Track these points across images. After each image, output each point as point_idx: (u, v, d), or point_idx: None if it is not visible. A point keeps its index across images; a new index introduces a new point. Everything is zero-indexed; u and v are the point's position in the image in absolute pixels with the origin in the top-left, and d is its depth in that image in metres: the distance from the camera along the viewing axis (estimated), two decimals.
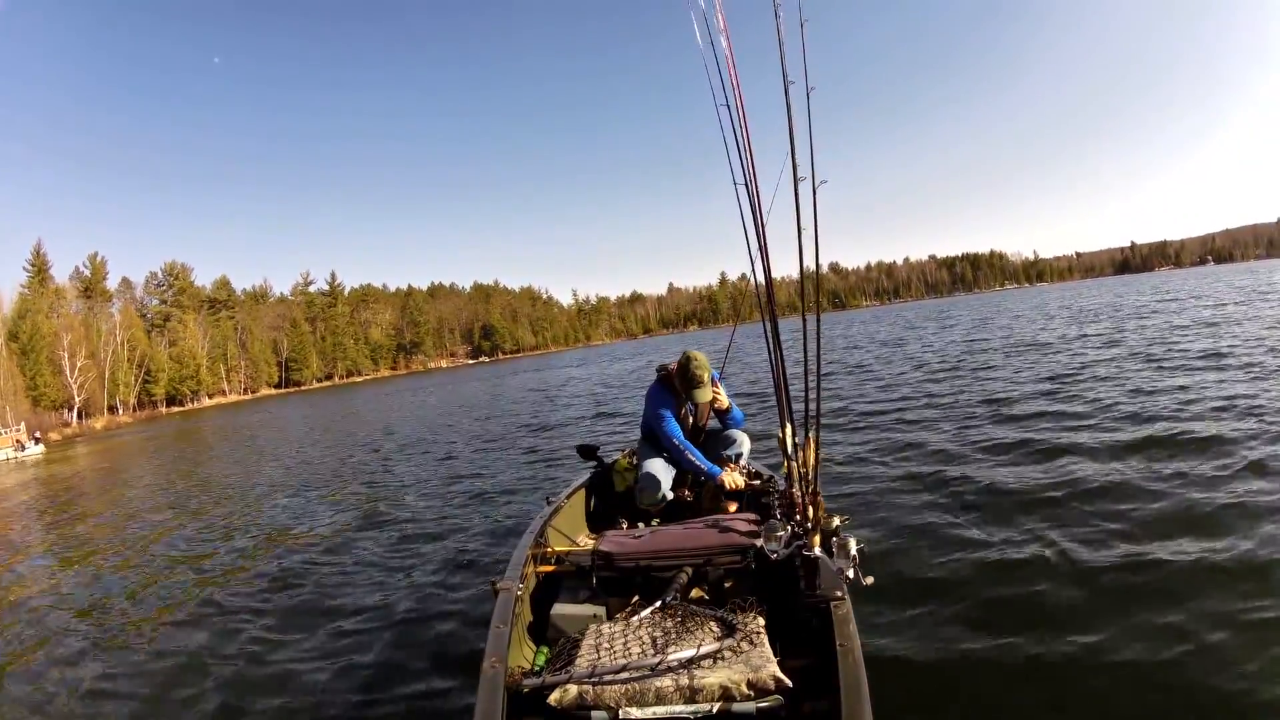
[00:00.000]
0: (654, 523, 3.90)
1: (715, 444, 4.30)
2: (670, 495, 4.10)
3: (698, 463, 3.99)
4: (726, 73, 3.21)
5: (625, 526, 3.82)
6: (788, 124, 2.89)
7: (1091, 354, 13.15)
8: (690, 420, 4.33)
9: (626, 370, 31.57)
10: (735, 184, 3.19)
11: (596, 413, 15.49)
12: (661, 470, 4.14)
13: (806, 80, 2.90)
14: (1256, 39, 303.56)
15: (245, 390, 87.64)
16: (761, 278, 3.15)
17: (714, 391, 4.17)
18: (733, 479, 3.90)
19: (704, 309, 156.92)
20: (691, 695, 2.00)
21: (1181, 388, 8.50)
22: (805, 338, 2.89)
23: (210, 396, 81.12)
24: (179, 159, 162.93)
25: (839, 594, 2.35)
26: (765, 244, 3.12)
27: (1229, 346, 11.66)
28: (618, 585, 2.86)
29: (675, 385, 4.20)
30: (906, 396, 10.98)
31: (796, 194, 2.85)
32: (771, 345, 3.05)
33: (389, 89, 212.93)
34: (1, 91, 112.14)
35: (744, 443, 4.27)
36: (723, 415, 4.33)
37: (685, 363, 4.10)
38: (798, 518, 2.64)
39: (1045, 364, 12.58)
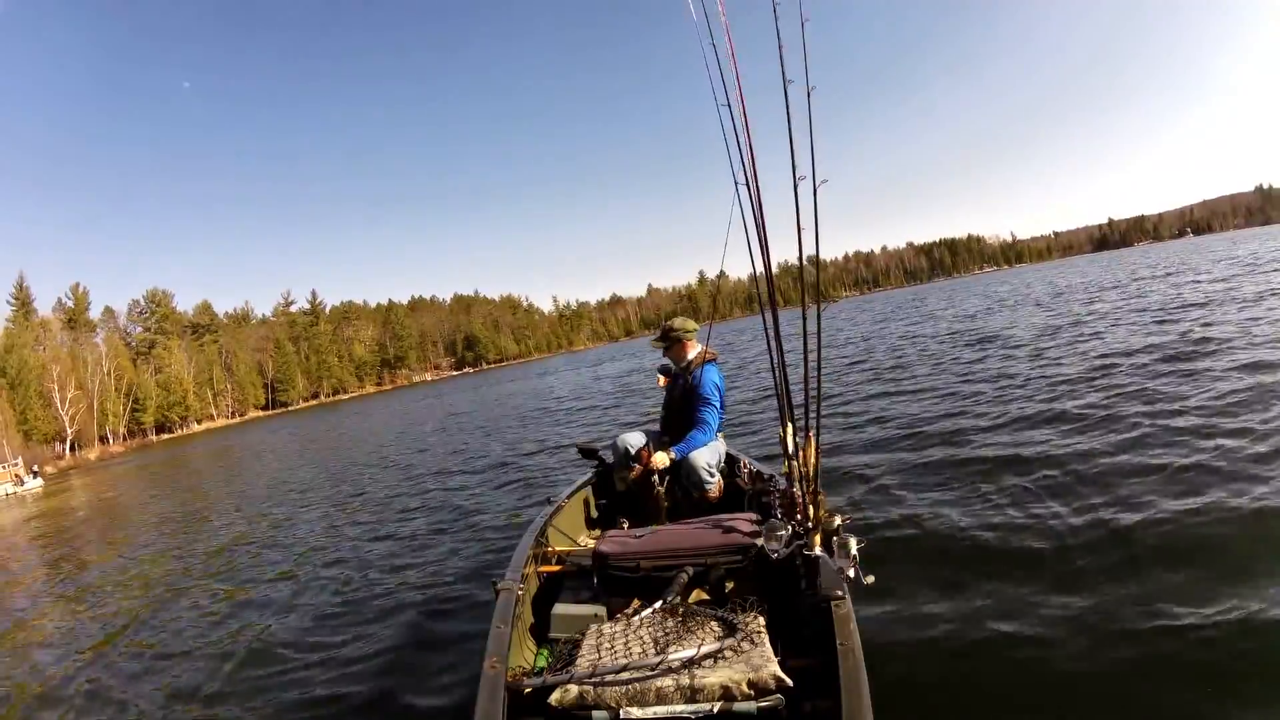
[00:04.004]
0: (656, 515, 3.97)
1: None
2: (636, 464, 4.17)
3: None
4: (728, 71, 3.21)
5: (626, 527, 3.82)
6: (787, 124, 2.88)
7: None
8: (675, 394, 4.41)
9: (614, 373, 31.50)
10: (736, 183, 3.14)
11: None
12: (633, 439, 4.24)
13: (807, 79, 2.88)
14: (1235, 10, 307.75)
15: (233, 413, 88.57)
16: (761, 275, 3.15)
17: (684, 347, 4.32)
18: (658, 460, 4.03)
19: (685, 308, 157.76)
20: (692, 695, 2.01)
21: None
22: (805, 336, 2.85)
23: (199, 421, 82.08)
24: (155, 183, 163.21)
25: (839, 593, 2.36)
26: (766, 242, 3.09)
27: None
28: (619, 585, 2.89)
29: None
30: (904, 390, 10.75)
31: (796, 193, 2.83)
32: (772, 344, 3.04)
33: (359, 104, 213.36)
34: None
35: (699, 457, 4.04)
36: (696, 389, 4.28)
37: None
38: (798, 517, 2.65)
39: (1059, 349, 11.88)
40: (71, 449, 57.76)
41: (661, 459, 4.02)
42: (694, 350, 4.31)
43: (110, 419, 67.78)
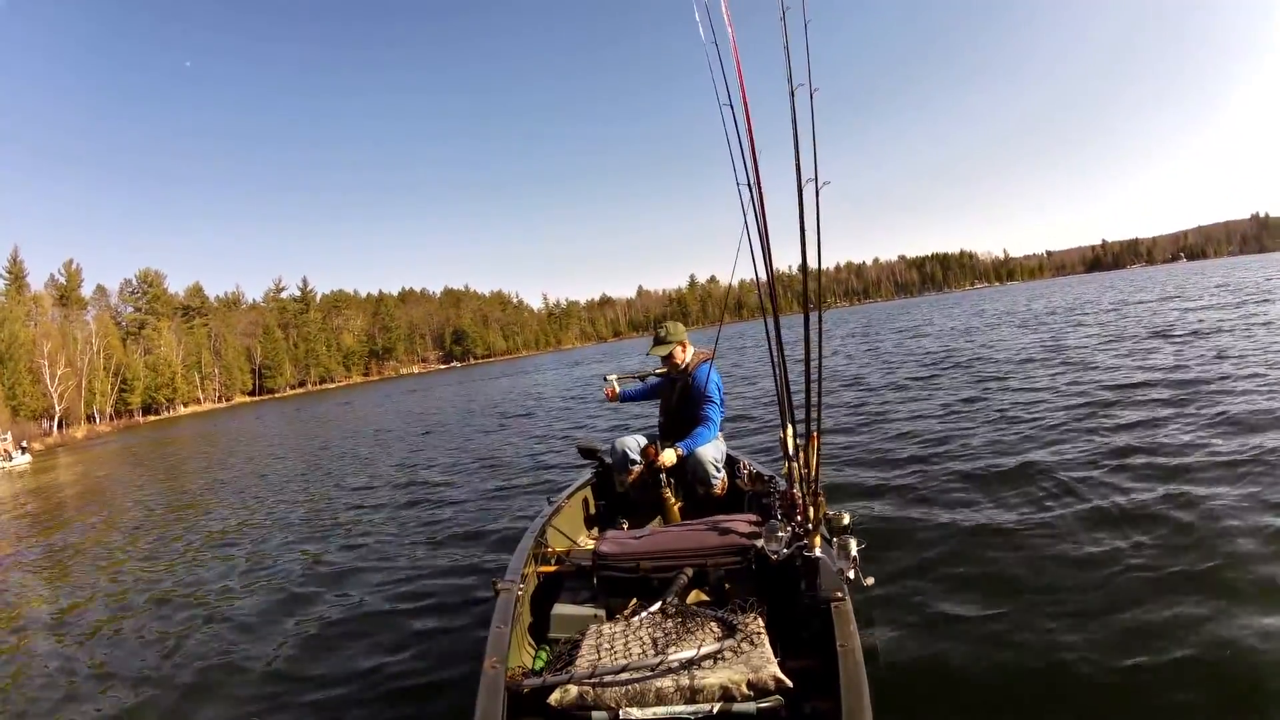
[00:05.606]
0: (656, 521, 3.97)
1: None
2: (638, 461, 4.24)
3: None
4: (731, 71, 3.19)
5: (626, 527, 3.83)
6: (792, 127, 2.90)
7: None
8: (673, 397, 4.48)
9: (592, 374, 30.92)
10: (739, 185, 3.13)
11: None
12: (631, 442, 4.29)
13: (810, 82, 2.89)
14: (1235, 40, 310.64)
15: (220, 398, 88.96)
16: (764, 278, 3.16)
17: (679, 351, 4.40)
18: (666, 457, 4.08)
19: (674, 311, 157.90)
20: (692, 696, 2.01)
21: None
22: (807, 340, 2.83)
23: (185, 405, 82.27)
24: (151, 163, 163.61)
25: (839, 594, 2.36)
26: (768, 245, 3.11)
27: None
28: (618, 586, 2.89)
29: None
30: (908, 396, 10.70)
31: (801, 197, 2.85)
32: (773, 346, 3.05)
33: (357, 95, 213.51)
34: None
35: (705, 452, 4.12)
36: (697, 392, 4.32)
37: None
38: (798, 518, 2.66)
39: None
40: (59, 426, 57.96)
41: (669, 456, 4.08)
42: (689, 352, 4.46)
43: (98, 398, 68.01)
